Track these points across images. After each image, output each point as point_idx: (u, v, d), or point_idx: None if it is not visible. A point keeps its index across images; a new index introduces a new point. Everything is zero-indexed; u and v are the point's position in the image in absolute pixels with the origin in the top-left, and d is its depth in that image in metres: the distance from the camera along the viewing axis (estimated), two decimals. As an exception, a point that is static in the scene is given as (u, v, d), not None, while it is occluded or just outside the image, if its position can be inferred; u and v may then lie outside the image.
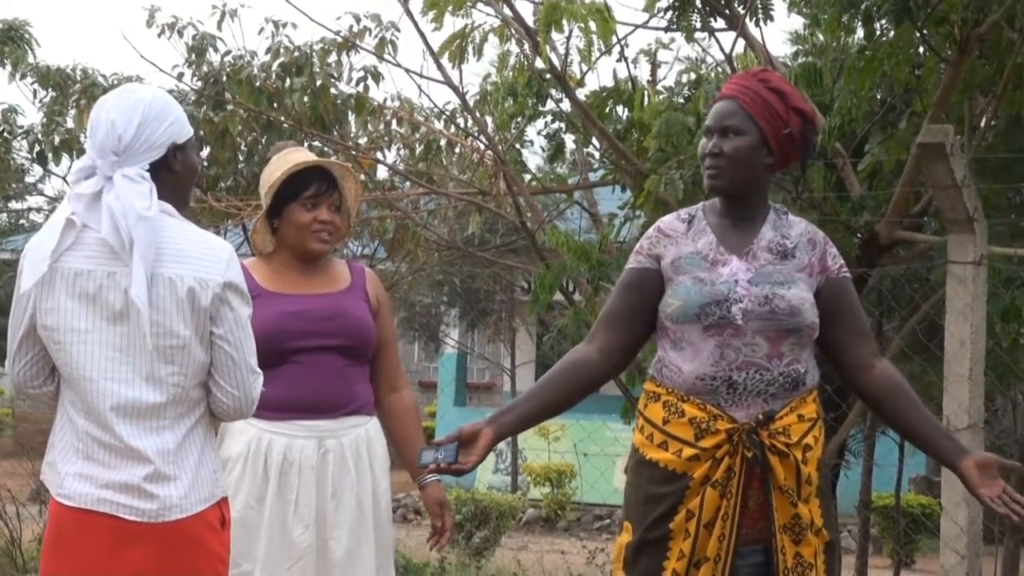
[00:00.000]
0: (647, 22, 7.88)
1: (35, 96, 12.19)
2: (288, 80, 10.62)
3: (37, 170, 13.38)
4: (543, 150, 9.08)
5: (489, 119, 9.13)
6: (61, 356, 3.93)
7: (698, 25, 7.69)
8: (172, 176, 4.00)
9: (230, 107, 10.85)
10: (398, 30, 10.15)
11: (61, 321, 3.89)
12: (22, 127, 12.38)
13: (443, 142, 10.88)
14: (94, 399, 3.90)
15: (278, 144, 5.41)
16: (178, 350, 3.93)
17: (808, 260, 4.32)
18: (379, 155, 10.73)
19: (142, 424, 3.94)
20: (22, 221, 20.17)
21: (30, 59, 12.26)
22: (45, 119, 11.97)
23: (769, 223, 4.35)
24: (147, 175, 3.92)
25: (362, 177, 10.37)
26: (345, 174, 5.14)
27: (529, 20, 7.42)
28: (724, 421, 4.19)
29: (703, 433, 4.20)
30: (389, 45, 10.12)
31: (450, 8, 7.37)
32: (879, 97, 7.54)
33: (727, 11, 7.54)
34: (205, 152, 11.45)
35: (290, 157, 5.07)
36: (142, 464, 3.92)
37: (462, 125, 10.31)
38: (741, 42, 7.57)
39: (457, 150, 10.96)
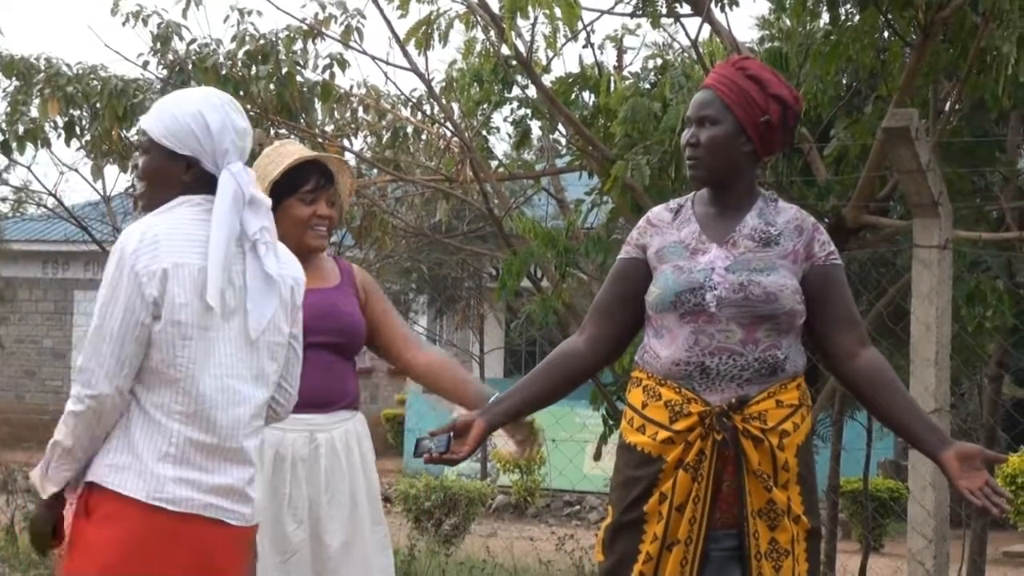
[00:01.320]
0: (613, 8, 7.89)
1: (-2, 86, 12.14)
2: (254, 68, 10.58)
3: (1, 160, 13.31)
4: (509, 136, 9.07)
5: (455, 106, 9.13)
6: (182, 353, 3.79)
7: (664, 11, 7.69)
8: None
9: (196, 95, 10.79)
10: (364, 17, 10.13)
11: (190, 318, 3.78)
12: (-15, 116, 12.33)
13: (410, 129, 10.87)
14: (205, 398, 3.81)
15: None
16: (281, 347, 3.99)
17: (793, 247, 4.32)
18: (346, 142, 10.71)
19: (250, 424, 3.93)
20: (-13, 210, 20.06)
21: (-7, 48, 12.20)
22: (9, 108, 11.91)
23: (755, 210, 4.36)
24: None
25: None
26: (341, 168, 5.07)
27: (495, 6, 7.41)
28: (697, 404, 4.20)
29: (677, 416, 4.22)
30: (355, 32, 10.09)
31: (415, -6, 7.36)
32: (844, 82, 7.55)
33: (693, -4, 7.55)
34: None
35: (286, 150, 4.99)
36: (245, 467, 3.92)
37: (428, 112, 10.31)
38: (707, 28, 7.57)
39: (424, 137, 10.95)
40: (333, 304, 4.95)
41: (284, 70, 10.42)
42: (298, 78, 10.57)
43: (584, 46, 7.94)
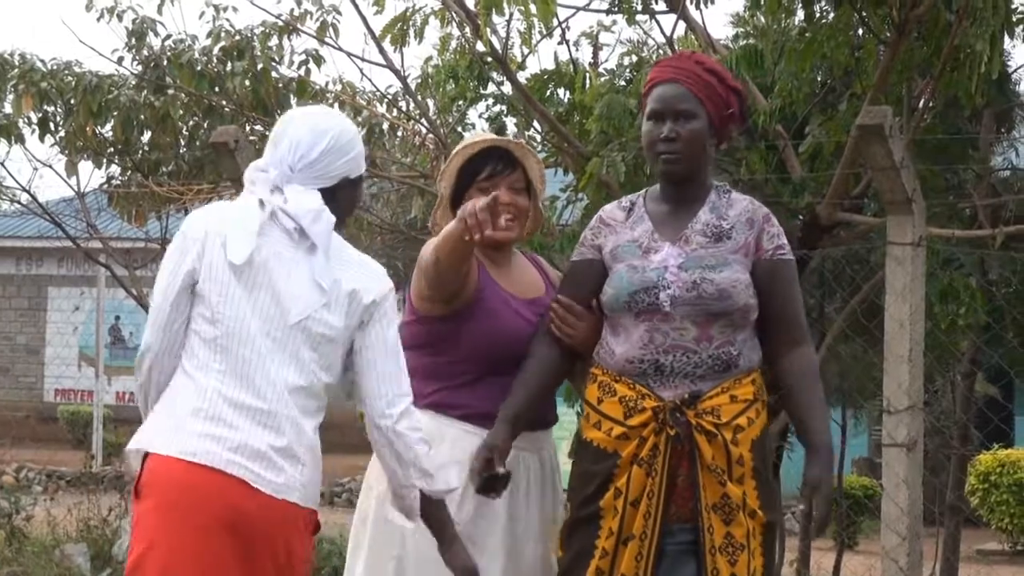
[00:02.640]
0: (588, 4, 7.88)
1: (-28, 82, 12.09)
2: (229, 64, 10.58)
3: (-24, 155, 13.26)
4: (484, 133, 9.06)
5: (431, 102, 9.12)
6: (220, 311, 4.01)
7: (639, 8, 7.69)
8: (332, 205, 4.12)
9: (171, 91, 10.80)
10: (339, 13, 10.13)
11: (224, 276, 4.02)
12: (-41, 113, 12.29)
13: (385, 125, 10.86)
14: (242, 358, 3.98)
15: (220, 129, 5.26)
16: (327, 341, 4.05)
17: (745, 240, 4.33)
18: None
19: (288, 399, 4.01)
20: (-39, 206, 19.98)
21: (-33, 45, 12.16)
22: (-18, 104, 11.89)
23: (708, 204, 4.37)
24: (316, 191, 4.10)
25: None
26: (524, 152, 4.68)
27: (470, 3, 7.39)
28: (651, 400, 4.23)
29: (631, 412, 4.25)
30: (331, 28, 10.09)
31: (391, -10, 7.35)
32: (819, 79, 7.56)
33: (668, -7, 7.55)
34: (146, 136, 11.40)
35: (466, 142, 4.71)
36: (277, 435, 3.99)
37: (404, 108, 10.30)
38: (682, 25, 7.57)
39: (399, 133, 10.94)
40: None
41: (259, 66, 10.42)
42: (273, 74, 10.59)
43: (559, 43, 7.94)
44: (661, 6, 7.68)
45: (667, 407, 4.21)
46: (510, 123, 8.89)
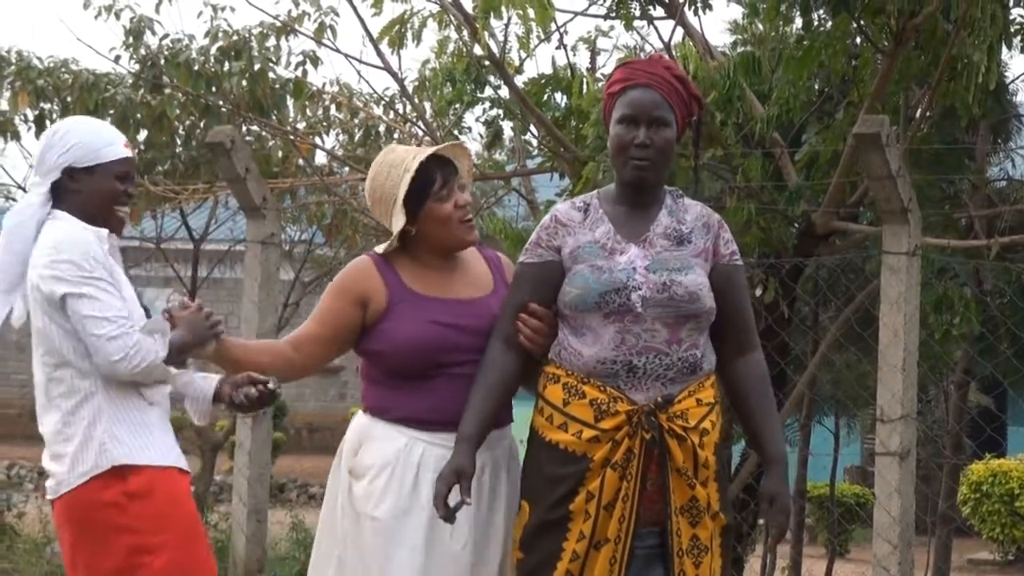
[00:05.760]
0: (586, 10, 7.90)
1: (-31, 79, 12.09)
2: (226, 64, 10.59)
3: (-28, 151, 13.28)
4: (481, 137, 9.08)
5: (428, 105, 9.12)
6: None
7: (637, 13, 7.70)
8: (73, 196, 4.47)
9: (168, 90, 10.80)
10: (337, 15, 10.15)
11: None
12: (-44, 109, 12.29)
13: (382, 127, 10.88)
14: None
15: (216, 129, 5.26)
16: (41, 335, 4.38)
17: (704, 245, 4.35)
18: (317, 140, 10.71)
19: (40, 406, 4.41)
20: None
21: (-36, 41, 12.16)
22: (-21, 101, 11.89)
23: (665, 209, 4.38)
24: (46, 191, 4.46)
25: (300, 162, 10.36)
26: (457, 152, 4.68)
27: (468, 6, 7.40)
28: (624, 403, 4.22)
29: (603, 415, 4.22)
30: (328, 30, 10.10)
31: (389, -7, 7.35)
32: (816, 87, 7.57)
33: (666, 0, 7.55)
34: (142, 135, 11.40)
35: (396, 157, 4.59)
36: (47, 445, 4.39)
37: (401, 111, 10.29)
38: (680, 31, 7.57)
39: (395, 136, 10.94)
40: (493, 316, 4.54)
41: (257, 66, 10.44)
42: (270, 75, 10.60)
43: (557, 47, 7.95)
44: (659, 12, 7.68)
45: (642, 410, 4.21)
46: (506, 127, 8.91)
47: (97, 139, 4.48)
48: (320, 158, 10.89)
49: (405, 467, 4.45)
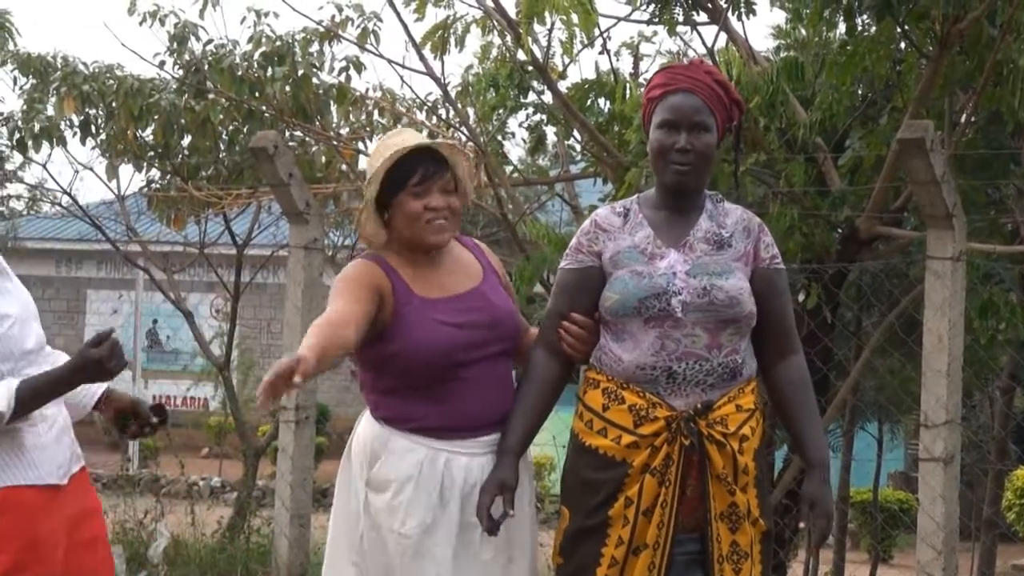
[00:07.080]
0: (629, 15, 7.89)
1: (15, 84, 12.18)
2: (270, 69, 10.62)
3: (17, 157, 13.36)
4: (524, 142, 9.10)
5: (471, 110, 9.13)
6: None
7: (680, 19, 7.70)
8: None
9: (211, 96, 10.84)
10: (380, 20, 10.15)
11: None
12: (2, 114, 12.38)
13: (424, 133, 10.87)
14: None
15: (259, 134, 5.22)
16: None
17: (744, 248, 4.33)
18: (360, 145, 10.72)
19: None
20: (1, 208, 20.10)
21: (10, 47, 12.25)
22: (25, 106, 11.96)
23: (705, 213, 4.37)
24: None
25: (343, 167, 10.39)
26: (454, 152, 4.54)
27: (511, 12, 7.41)
28: (663, 409, 4.21)
29: (642, 420, 4.22)
30: (371, 35, 10.12)
31: (432, -1, 7.37)
32: (860, 92, 7.56)
33: (709, 5, 7.55)
34: (186, 141, 11.45)
35: (392, 141, 4.52)
36: None
37: (444, 116, 10.31)
38: (723, 36, 7.57)
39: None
40: (492, 304, 4.54)
41: (300, 72, 10.45)
42: (314, 80, 10.62)
43: (600, 53, 7.99)
44: (702, 17, 7.68)
45: (681, 416, 4.20)
46: (550, 132, 8.91)
47: None
48: (363, 163, 10.91)
49: (429, 480, 4.38)
